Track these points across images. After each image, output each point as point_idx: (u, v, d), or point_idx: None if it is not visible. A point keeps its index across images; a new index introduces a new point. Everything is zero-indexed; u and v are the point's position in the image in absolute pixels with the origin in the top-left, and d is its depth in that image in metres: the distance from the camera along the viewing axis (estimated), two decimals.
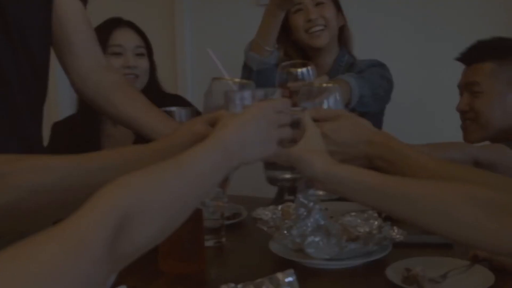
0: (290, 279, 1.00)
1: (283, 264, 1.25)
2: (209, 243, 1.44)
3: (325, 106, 1.23)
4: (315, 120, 1.16)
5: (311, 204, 1.38)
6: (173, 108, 1.34)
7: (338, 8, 1.94)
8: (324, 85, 1.28)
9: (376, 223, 1.40)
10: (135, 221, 0.68)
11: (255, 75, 1.80)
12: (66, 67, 1.44)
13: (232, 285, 0.99)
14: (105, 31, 1.85)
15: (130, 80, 1.81)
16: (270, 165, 1.12)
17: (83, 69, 1.43)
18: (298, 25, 1.88)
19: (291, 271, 1.01)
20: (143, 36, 1.90)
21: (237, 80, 1.14)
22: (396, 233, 1.33)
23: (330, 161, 1.01)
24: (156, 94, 1.92)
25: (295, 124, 1.03)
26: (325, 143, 1.12)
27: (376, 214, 1.43)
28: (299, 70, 1.38)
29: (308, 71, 1.38)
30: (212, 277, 1.30)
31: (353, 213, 1.44)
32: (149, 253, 1.41)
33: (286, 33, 1.86)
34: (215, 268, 1.34)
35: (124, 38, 1.84)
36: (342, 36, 1.97)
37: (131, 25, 1.90)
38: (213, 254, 1.41)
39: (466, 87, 1.71)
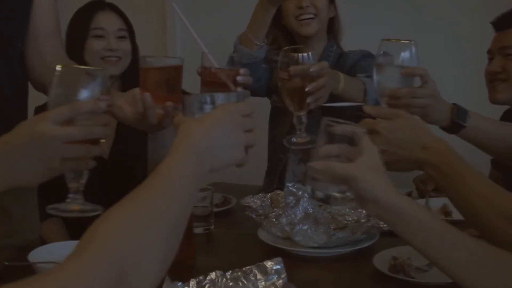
0: (278, 266, 1.01)
1: (271, 252, 1.25)
2: (198, 230, 1.45)
3: (399, 61, 1.27)
4: (373, 118, 1.13)
5: (300, 192, 1.39)
6: None
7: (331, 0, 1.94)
8: (403, 41, 1.31)
9: (364, 212, 1.41)
10: (134, 273, 0.65)
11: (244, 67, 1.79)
12: (26, 59, 1.42)
13: (221, 272, 1.00)
14: (87, 14, 1.84)
15: (113, 62, 1.81)
16: (314, 179, 0.99)
17: (44, 63, 1.42)
18: (289, 11, 1.88)
19: (279, 259, 1.02)
20: (125, 19, 1.90)
21: (84, 67, 1.05)
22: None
23: (392, 187, 0.93)
24: (138, 76, 1.92)
25: (350, 140, 0.95)
26: (377, 141, 1.07)
27: None
28: (300, 54, 1.40)
29: (308, 55, 1.41)
30: (200, 264, 1.30)
31: None
32: None
33: (277, 17, 1.86)
34: (204, 255, 1.34)
35: (106, 22, 1.83)
36: (332, 28, 1.98)
37: (113, 8, 1.89)
38: (202, 241, 1.42)
39: (500, 50, 1.75)
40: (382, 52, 1.31)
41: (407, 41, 1.31)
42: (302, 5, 1.83)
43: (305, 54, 1.41)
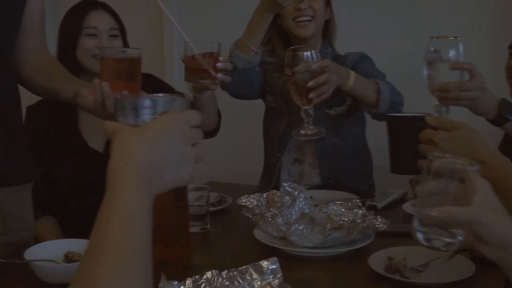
0: (273, 266, 1.01)
1: (267, 252, 1.26)
2: (195, 229, 1.45)
3: (448, 56, 1.40)
4: (433, 128, 1.13)
5: (296, 192, 1.39)
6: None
7: (327, 2, 1.96)
8: (451, 38, 1.42)
9: (360, 212, 1.41)
10: None
11: (239, 72, 1.84)
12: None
13: (217, 271, 1.00)
14: (80, 13, 1.85)
15: None
16: (426, 225, 0.89)
17: (22, 58, 1.44)
18: (286, 12, 1.88)
19: (275, 258, 1.02)
20: (117, 18, 1.92)
21: None
22: (379, 222, 1.34)
23: None
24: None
25: (459, 178, 0.86)
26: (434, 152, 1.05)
27: (360, 203, 1.44)
28: (305, 53, 1.56)
29: (312, 54, 1.57)
30: (196, 263, 1.31)
31: (337, 202, 1.45)
32: None
33: (274, 17, 1.88)
34: (200, 254, 1.34)
35: (98, 21, 1.85)
36: (327, 30, 2.00)
37: (105, 7, 1.90)
38: (198, 240, 1.42)
39: None
40: (432, 49, 1.40)
41: (454, 38, 1.41)
42: (300, 7, 1.85)
43: (308, 53, 1.56)
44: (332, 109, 1.90)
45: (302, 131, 1.61)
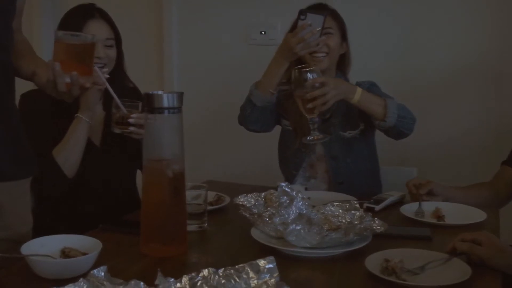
0: (270, 265, 1.01)
1: (264, 251, 1.26)
2: (192, 227, 1.45)
3: None
4: None
5: (294, 192, 1.39)
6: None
7: (344, 38, 2.08)
8: None
9: (357, 213, 1.41)
10: None
11: (257, 109, 2.02)
12: None
13: (213, 269, 1.00)
14: (78, 21, 1.85)
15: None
16: None
17: None
18: None
19: (272, 258, 1.02)
20: (113, 27, 1.92)
21: None
22: (377, 224, 1.34)
23: None
24: (120, 80, 1.92)
25: None
26: None
27: (357, 205, 1.44)
28: (307, 72, 1.81)
29: (311, 73, 1.81)
30: (193, 261, 1.31)
31: (335, 203, 1.46)
32: (131, 236, 1.42)
33: None
34: (197, 252, 1.35)
35: (96, 31, 1.85)
36: (342, 63, 2.12)
37: (103, 16, 1.90)
38: (196, 239, 1.42)
39: None
40: None
41: None
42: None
43: (309, 74, 1.81)
44: (346, 132, 2.05)
45: (309, 137, 1.83)
